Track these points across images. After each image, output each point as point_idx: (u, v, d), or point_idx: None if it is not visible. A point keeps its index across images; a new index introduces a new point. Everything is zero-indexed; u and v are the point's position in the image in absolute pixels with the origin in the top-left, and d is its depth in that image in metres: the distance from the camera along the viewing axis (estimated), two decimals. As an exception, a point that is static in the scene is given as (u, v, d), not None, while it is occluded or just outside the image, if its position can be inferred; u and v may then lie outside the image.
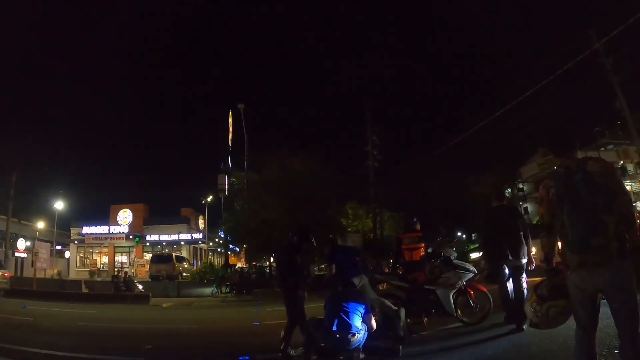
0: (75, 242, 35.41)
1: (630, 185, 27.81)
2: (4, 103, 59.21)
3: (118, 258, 35.41)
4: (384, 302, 5.18)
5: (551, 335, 3.89)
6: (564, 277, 2.54)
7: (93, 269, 33.17)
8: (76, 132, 72.86)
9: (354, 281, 5.05)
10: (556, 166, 2.72)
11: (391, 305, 5.15)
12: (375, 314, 4.64)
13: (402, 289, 5.90)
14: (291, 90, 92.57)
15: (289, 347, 4.79)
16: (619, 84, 16.13)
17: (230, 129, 26.61)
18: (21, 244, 24.86)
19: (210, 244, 38.63)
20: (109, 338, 7.45)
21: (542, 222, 2.68)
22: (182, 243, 35.13)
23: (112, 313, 12.08)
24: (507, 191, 37.09)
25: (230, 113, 26.89)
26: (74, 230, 35.39)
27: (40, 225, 31.98)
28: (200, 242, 36.89)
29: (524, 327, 4.64)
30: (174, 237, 34.44)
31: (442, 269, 5.87)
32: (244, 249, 27.54)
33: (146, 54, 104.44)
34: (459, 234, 47.94)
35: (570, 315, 2.57)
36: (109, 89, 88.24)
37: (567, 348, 3.44)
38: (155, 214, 37.29)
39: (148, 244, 34.79)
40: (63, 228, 34.87)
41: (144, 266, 28.83)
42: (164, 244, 34.83)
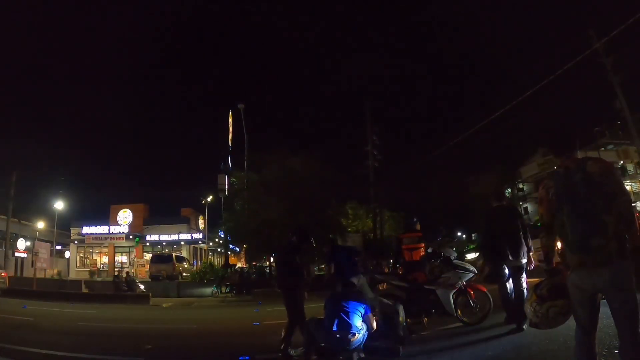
0: (75, 242, 35.40)
1: (630, 185, 27.80)
2: (4, 103, 59.32)
3: (118, 258, 35.41)
4: (383, 302, 5.18)
5: (551, 335, 3.89)
6: (564, 277, 2.54)
7: (93, 269, 33.17)
8: (76, 132, 73.01)
9: (352, 281, 5.05)
10: (556, 166, 2.73)
11: (389, 302, 5.15)
12: (376, 314, 4.64)
13: (402, 289, 5.89)
14: (291, 90, 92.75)
15: (289, 347, 4.80)
16: (619, 84, 16.14)
17: (230, 129, 26.63)
18: (21, 244, 24.81)
19: (210, 244, 38.61)
20: (109, 338, 7.45)
21: (542, 222, 2.68)
22: (182, 243, 35.13)
23: (112, 313, 12.09)
24: (507, 191, 37.10)
25: (230, 113, 26.95)
26: (74, 230, 35.39)
27: (40, 225, 31.91)
28: (200, 242, 36.89)
29: (524, 327, 4.64)
30: (174, 237, 34.43)
31: (442, 269, 5.88)
32: (244, 249, 27.54)
33: (146, 54, 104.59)
34: (459, 234, 47.95)
35: (570, 315, 2.57)
36: (109, 89, 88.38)
37: (567, 348, 3.44)
38: (155, 214, 37.34)
39: (148, 244, 34.79)
40: (63, 228, 34.83)
41: (144, 266, 28.80)
42: (164, 244, 34.83)
